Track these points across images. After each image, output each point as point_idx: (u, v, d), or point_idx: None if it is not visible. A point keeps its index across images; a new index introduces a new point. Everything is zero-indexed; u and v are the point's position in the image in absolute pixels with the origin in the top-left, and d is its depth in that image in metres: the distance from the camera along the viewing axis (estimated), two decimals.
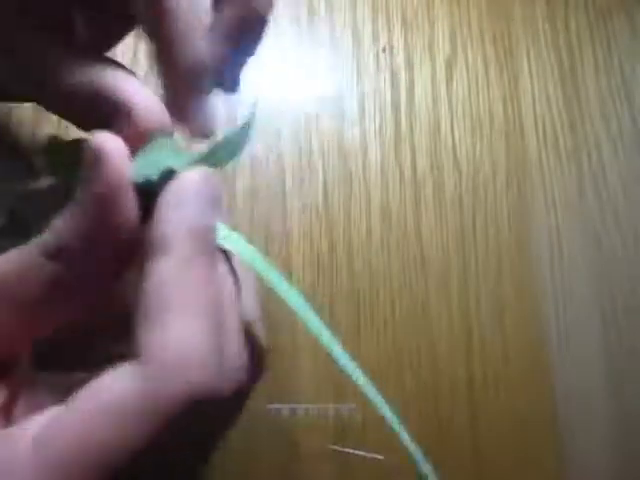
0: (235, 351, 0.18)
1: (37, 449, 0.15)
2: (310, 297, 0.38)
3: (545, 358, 0.41)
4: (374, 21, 0.45)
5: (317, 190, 0.40)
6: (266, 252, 0.38)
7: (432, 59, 0.45)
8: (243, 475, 0.35)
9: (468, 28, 0.46)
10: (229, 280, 0.19)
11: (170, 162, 0.19)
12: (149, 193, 0.18)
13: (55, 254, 0.17)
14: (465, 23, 0.46)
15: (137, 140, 0.19)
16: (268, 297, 0.38)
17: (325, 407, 0.37)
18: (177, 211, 0.18)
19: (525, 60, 0.47)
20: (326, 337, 0.20)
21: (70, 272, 0.18)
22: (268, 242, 0.38)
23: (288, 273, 0.38)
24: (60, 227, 0.18)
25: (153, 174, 0.19)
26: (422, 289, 0.40)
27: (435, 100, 0.44)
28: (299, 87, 0.42)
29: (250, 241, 0.20)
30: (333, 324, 0.38)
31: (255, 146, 0.40)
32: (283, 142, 0.41)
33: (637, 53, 0.49)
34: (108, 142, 0.17)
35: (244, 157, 0.40)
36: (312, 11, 0.43)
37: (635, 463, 0.41)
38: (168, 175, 0.19)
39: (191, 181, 0.18)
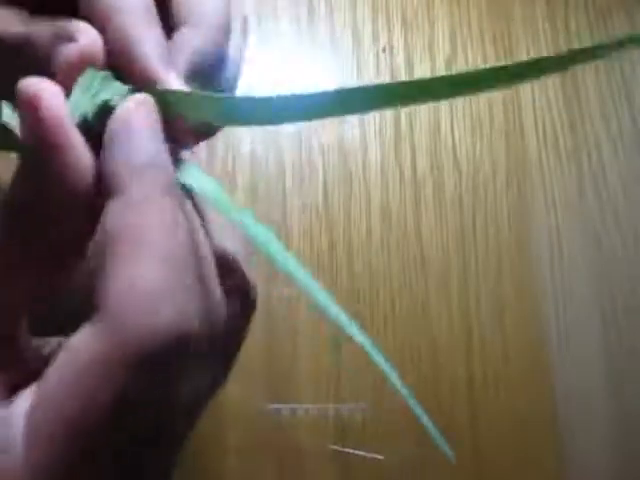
0: (207, 291, 0.17)
1: (27, 428, 0.14)
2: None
3: (545, 358, 0.41)
4: (374, 21, 0.45)
5: (317, 190, 0.40)
6: None
7: (432, 59, 0.45)
8: (243, 475, 0.35)
9: (468, 28, 0.46)
10: (193, 216, 0.18)
11: (105, 96, 0.17)
12: (91, 133, 0.17)
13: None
14: (465, 23, 0.46)
15: (72, 78, 0.17)
16: (268, 297, 0.38)
17: (325, 407, 0.37)
18: (118, 148, 0.16)
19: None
20: (302, 276, 0.18)
21: (28, 246, 0.16)
22: None
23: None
24: (7, 192, 0.16)
25: (89, 111, 0.17)
26: (422, 289, 0.40)
27: None
28: (299, 87, 0.42)
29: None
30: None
31: (255, 147, 0.40)
32: (283, 141, 0.41)
33: (637, 54, 0.49)
34: (37, 83, 0.16)
35: (244, 156, 0.40)
36: (312, 11, 0.43)
37: (635, 463, 0.41)
38: (105, 110, 0.17)
39: (127, 112, 0.17)
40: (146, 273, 0.15)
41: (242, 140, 0.40)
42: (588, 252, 0.44)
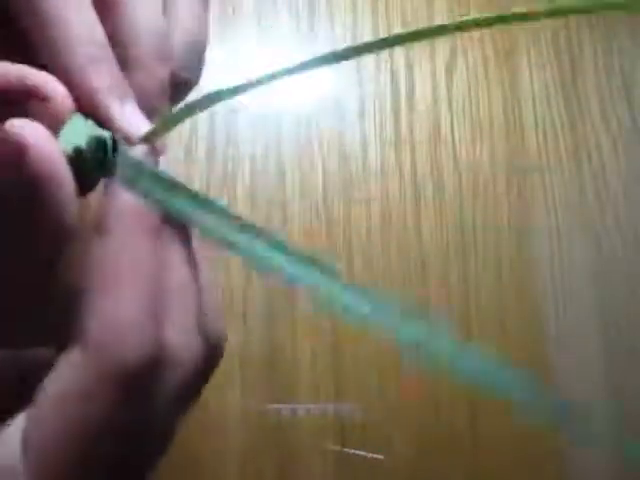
0: (182, 328, 0.17)
1: (24, 452, 0.15)
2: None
3: (545, 358, 0.41)
4: (374, 21, 0.45)
5: (317, 191, 0.40)
6: None
7: (432, 59, 0.45)
8: (243, 475, 0.35)
9: None
10: (179, 257, 0.18)
11: (94, 131, 0.18)
12: (85, 163, 0.17)
13: None
14: None
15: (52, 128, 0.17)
16: (269, 297, 0.38)
17: (325, 407, 0.37)
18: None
19: (525, 60, 0.47)
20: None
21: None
22: None
23: None
24: None
25: (80, 142, 0.17)
26: (422, 289, 0.40)
27: (435, 100, 0.44)
28: (299, 87, 0.42)
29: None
30: (333, 324, 0.38)
31: (255, 147, 0.40)
32: (283, 142, 0.41)
33: (637, 53, 0.49)
34: (26, 125, 0.15)
35: (244, 158, 0.40)
36: (312, 11, 0.43)
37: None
38: (97, 141, 0.18)
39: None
40: (121, 309, 0.16)
41: (242, 142, 0.40)
42: (588, 252, 0.44)
